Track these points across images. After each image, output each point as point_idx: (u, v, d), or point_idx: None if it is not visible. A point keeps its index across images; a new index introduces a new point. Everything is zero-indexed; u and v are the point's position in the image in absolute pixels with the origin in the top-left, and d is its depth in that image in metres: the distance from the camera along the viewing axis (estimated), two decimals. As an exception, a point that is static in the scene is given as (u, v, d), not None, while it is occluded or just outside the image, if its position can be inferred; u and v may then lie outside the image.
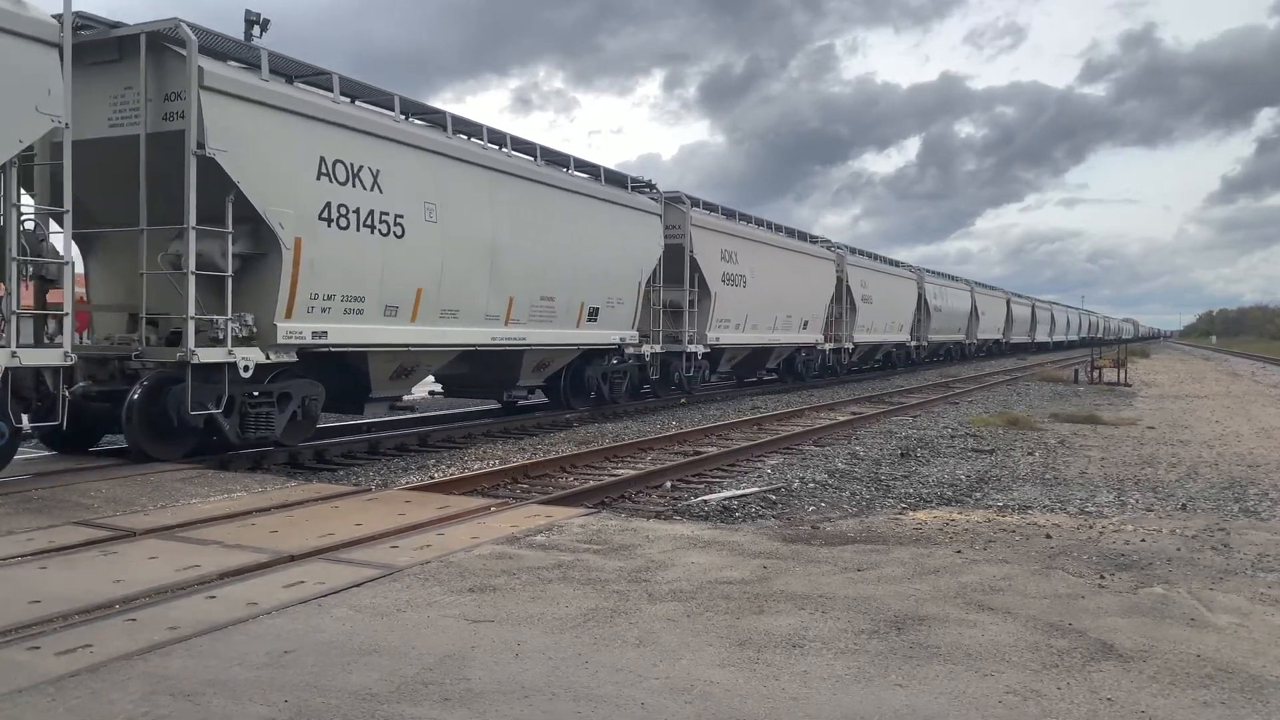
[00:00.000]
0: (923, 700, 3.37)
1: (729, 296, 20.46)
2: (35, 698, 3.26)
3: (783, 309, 23.48)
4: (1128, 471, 10.60)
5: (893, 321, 33.09)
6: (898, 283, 34.18)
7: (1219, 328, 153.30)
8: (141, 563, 5.13)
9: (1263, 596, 4.79)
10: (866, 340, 30.40)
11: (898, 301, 33.74)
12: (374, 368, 11.25)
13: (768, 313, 22.68)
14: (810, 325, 25.79)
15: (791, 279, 24.01)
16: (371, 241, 10.57)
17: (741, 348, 22.21)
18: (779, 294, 22.97)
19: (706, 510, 8.18)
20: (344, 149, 10.29)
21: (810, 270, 25.86)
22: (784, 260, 23.82)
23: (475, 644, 3.90)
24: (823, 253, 27.14)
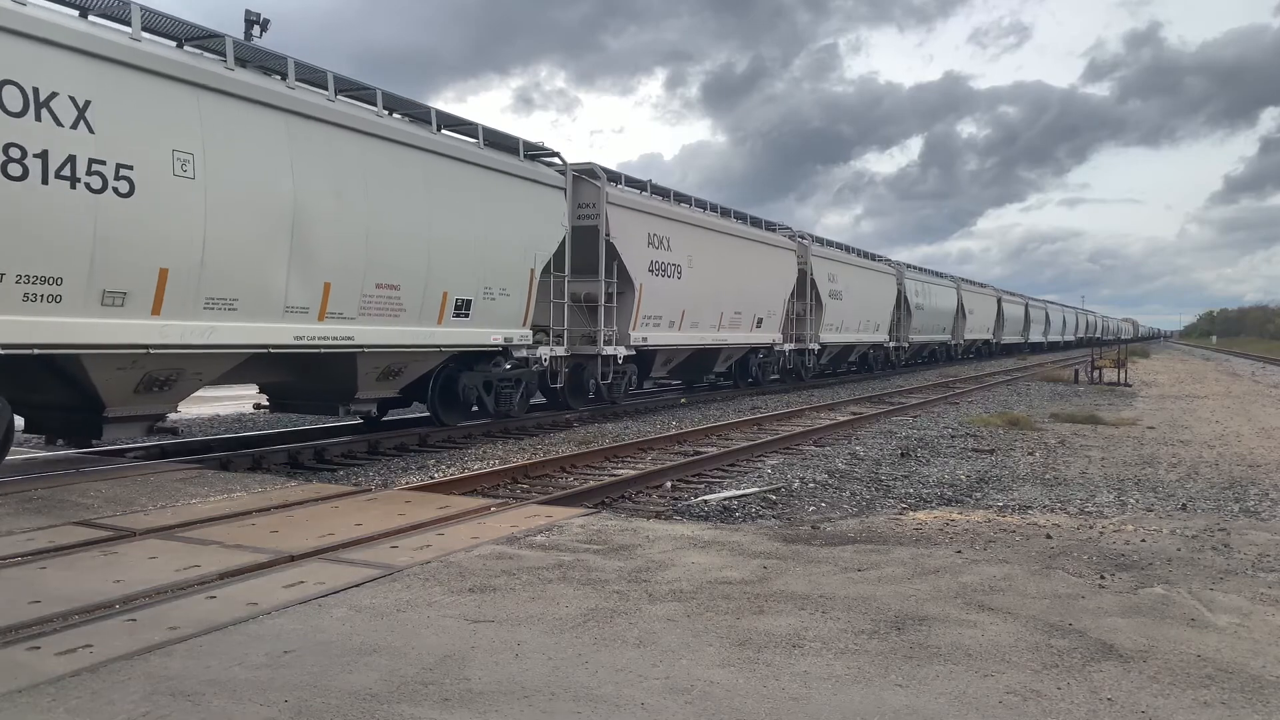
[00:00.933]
0: (923, 700, 3.37)
1: (659, 289, 17.20)
2: (35, 698, 3.26)
3: (730, 304, 20.27)
4: (1128, 471, 10.60)
5: (867, 320, 30.45)
6: (874, 278, 31.41)
7: (1219, 328, 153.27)
8: (141, 563, 5.13)
9: (1263, 596, 4.79)
10: (836, 340, 27.74)
11: (873, 298, 31.08)
12: (99, 379, 8.33)
13: (711, 309, 19.36)
14: (765, 323, 22.34)
15: (741, 270, 20.66)
16: (73, 200, 7.65)
17: (678, 349, 18.94)
18: (725, 287, 19.77)
19: (706, 510, 8.18)
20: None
21: (765, 261, 22.33)
22: (731, 248, 20.41)
23: (475, 644, 3.90)
24: (782, 241, 23.55)
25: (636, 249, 16.62)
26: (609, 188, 15.85)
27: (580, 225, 15.27)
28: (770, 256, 22.70)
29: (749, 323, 21.59)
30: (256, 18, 9.93)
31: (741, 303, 20.90)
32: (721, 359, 21.54)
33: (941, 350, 42.59)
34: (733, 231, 20.93)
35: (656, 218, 17.50)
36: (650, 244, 17.12)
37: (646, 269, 16.90)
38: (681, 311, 18.31)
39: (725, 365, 22.06)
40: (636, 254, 16.57)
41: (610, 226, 15.67)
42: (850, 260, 29.51)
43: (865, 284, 30.03)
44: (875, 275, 31.75)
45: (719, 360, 21.50)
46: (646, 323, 17.14)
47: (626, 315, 16.39)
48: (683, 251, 18.18)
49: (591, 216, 15.67)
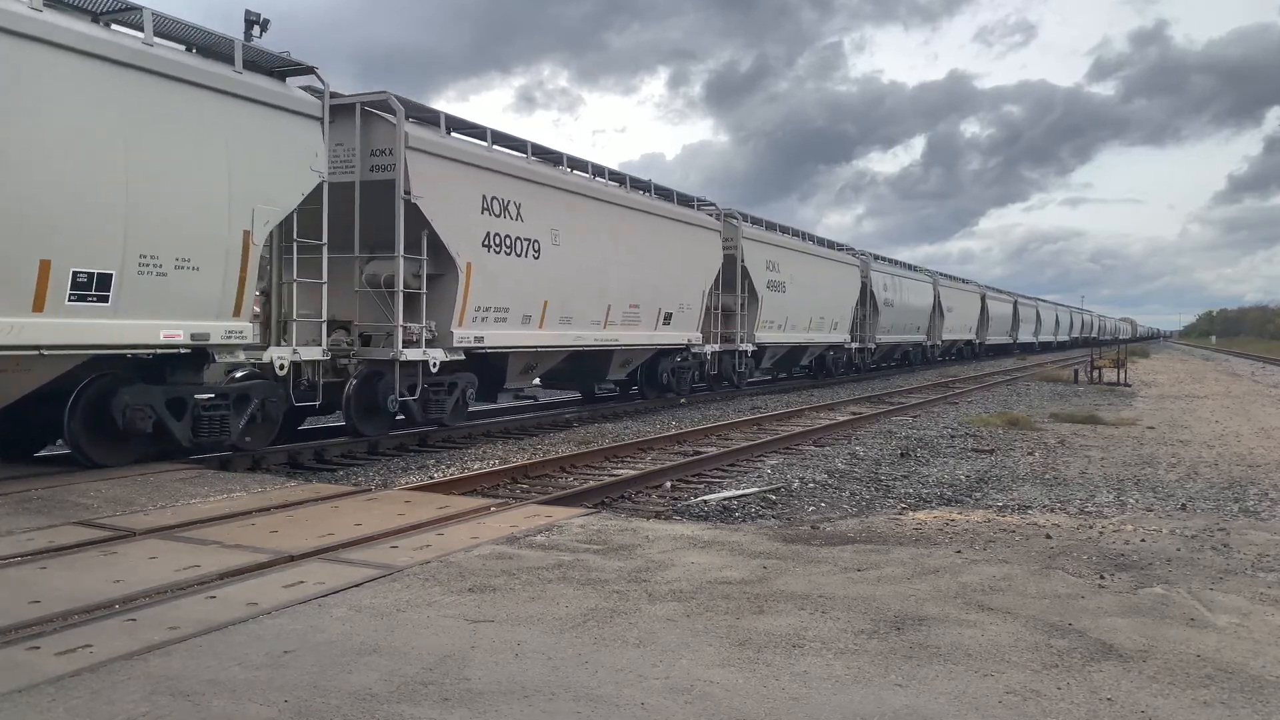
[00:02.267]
0: (923, 700, 3.37)
1: (502, 271, 13.27)
2: (35, 698, 3.26)
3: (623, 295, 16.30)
4: (1128, 471, 10.61)
5: (821, 318, 26.43)
6: (830, 268, 27.21)
7: (1219, 328, 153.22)
8: (141, 563, 5.13)
9: (1263, 596, 4.79)
10: (778, 340, 23.51)
11: (830, 292, 27.01)
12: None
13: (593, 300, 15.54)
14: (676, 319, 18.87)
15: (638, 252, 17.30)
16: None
17: (542, 352, 15.04)
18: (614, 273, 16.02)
19: (706, 510, 8.18)
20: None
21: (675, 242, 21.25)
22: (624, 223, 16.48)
23: (475, 644, 3.90)
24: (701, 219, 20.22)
25: (461, 215, 12.34)
26: (411, 127, 11.46)
27: (374, 180, 11.38)
28: (684, 237, 18.32)
29: (652, 319, 17.23)
30: (256, 18, 9.91)
31: (639, 293, 16.54)
32: (616, 363, 17.04)
33: (916, 352, 38.39)
34: (624, 202, 16.39)
35: (499, 175, 13.06)
36: (487, 209, 12.79)
37: (480, 243, 12.62)
38: (543, 302, 14.04)
39: (624, 371, 17.62)
40: (461, 222, 12.30)
41: (412, 181, 11.33)
42: (797, 246, 24.78)
43: (818, 275, 25.95)
44: (832, 266, 27.51)
45: (613, 365, 16.91)
46: (482, 316, 12.84)
47: (448, 306, 12.22)
48: (543, 223, 13.90)
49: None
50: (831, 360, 28.96)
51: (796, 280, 23.64)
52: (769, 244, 22.70)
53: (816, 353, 27.83)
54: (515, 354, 13.79)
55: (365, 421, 11.48)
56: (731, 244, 20.76)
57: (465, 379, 12.63)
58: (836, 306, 27.86)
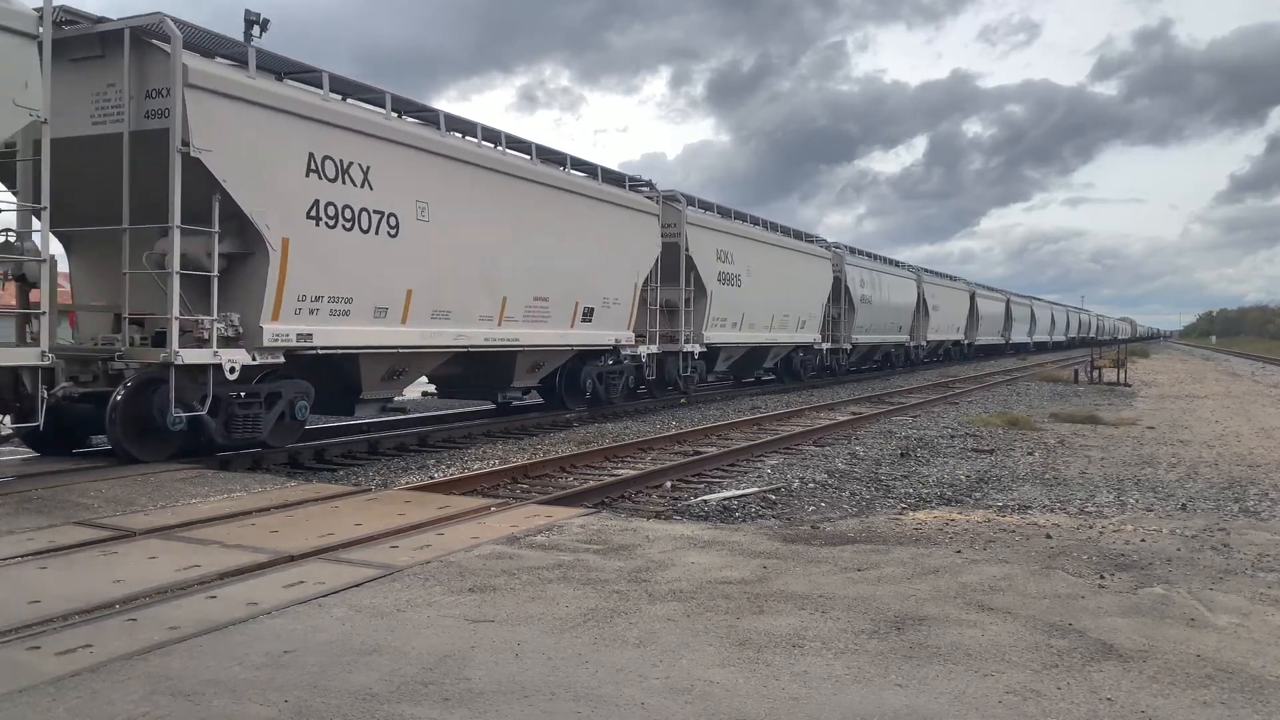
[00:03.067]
0: (923, 700, 3.37)
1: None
2: (35, 698, 3.26)
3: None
4: (1128, 471, 10.61)
5: (786, 315, 24.08)
6: (797, 261, 24.90)
7: (1219, 328, 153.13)
8: (141, 563, 5.13)
9: (1263, 596, 4.79)
10: (729, 340, 20.96)
11: (797, 287, 24.70)
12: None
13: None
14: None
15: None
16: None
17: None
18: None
19: (706, 510, 8.18)
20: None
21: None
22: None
23: (475, 644, 3.90)
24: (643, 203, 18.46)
25: (275, 177, 14.41)
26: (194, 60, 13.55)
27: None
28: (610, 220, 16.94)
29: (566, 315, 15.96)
30: (256, 18, 9.93)
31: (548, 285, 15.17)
32: (522, 368, 16.13)
33: (898, 353, 35.83)
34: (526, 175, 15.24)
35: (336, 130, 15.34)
36: (317, 172, 15.08)
37: (305, 214, 14.81)
38: (406, 292, 13.63)
39: (536, 377, 16.82)
40: (275, 186, 14.37)
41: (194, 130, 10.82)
42: (755, 235, 22.54)
43: (783, 268, 23.67)
44: (799, 258, 25.08)
45: (518, 370, 15.92)
46: (311, 308, 15.07)
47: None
48: (403, 193, 13.77)
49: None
50: (800, 362, 26.22)
51: (755, 273, 21.42)
52: (720, 231, 20.32)
53: (782, 354, 25.23)
54: (369, 356, 11.11)
55: (138, 442, 8.88)
56: (673, 230, 18.51)
57: (293, 388, 10.22)
58: (804, 303, 25.29)
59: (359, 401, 11.48)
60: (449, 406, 16.83)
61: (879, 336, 32.25)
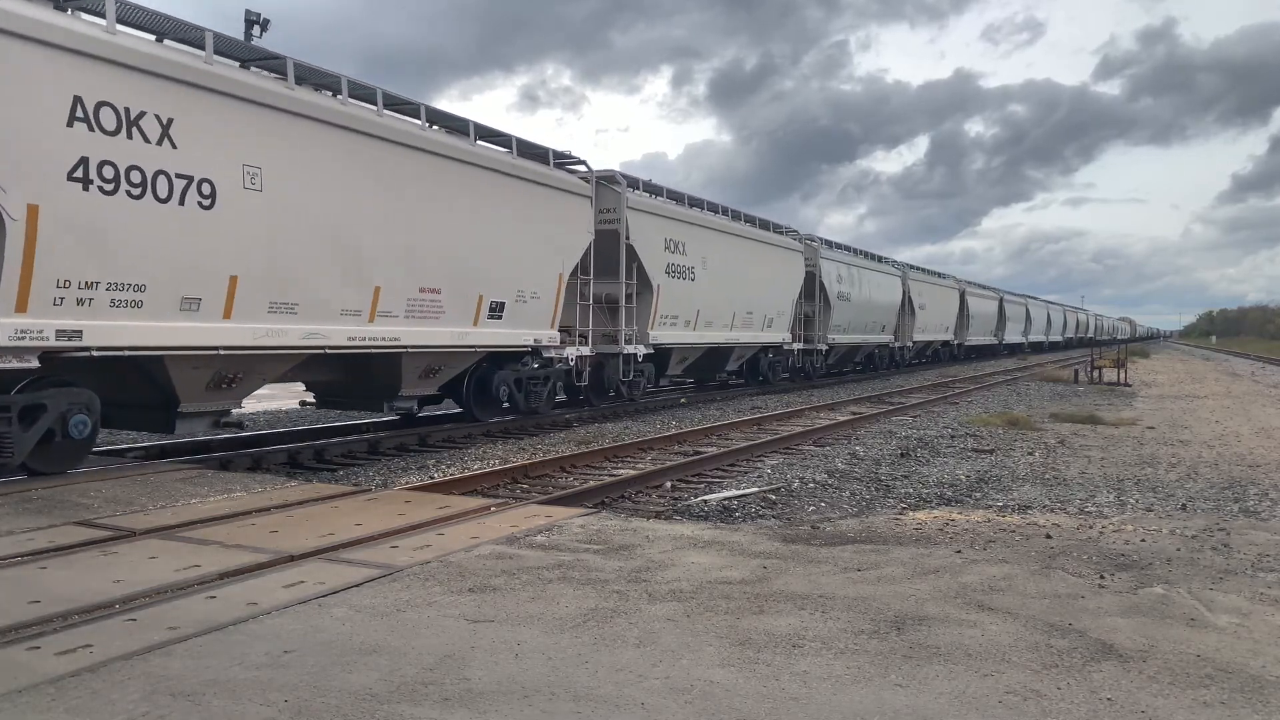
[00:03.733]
0: (923, 700, 3.37)
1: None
2: (35, 698, 3.26)
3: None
4: (1128, 471, 10.61)
5: (750, 313, 21.76)
6: (762, 254, 22.36)
7: (1219, 328, 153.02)
8: (141, 563, 5.13)
9: (1263, 596, 4.79)
10: (683, 341, 18.83)
11: (763, 282, 22.36)
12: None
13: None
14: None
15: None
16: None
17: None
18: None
19: (706, 510, 8.18)
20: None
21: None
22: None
23: (475, 644, 3.90)
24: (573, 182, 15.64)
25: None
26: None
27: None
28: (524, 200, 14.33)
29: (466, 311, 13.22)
30: (256, 18, 9.92)
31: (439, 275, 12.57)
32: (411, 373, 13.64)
33: (882, 354, 33.61)
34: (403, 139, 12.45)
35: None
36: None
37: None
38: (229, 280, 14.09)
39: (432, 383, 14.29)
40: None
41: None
42: (712, 223, 20.10)
43: (747, 260, 21.33)
44: (766, 250, 22.71)
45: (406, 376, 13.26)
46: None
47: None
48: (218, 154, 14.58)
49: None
50: (768, 364, 23.79)
51: (713, 266, 19.24)
52: (669, 218, 17.94)
53: (747, 355, 22.82)
54: (179, 359, 8.81)
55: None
56: (612, 215, 16.23)
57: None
58: (772, 299, 22.92)
59: (179, 416, 9.18)
60: (329, 419, 14.59)
61: (859, 336, 30.06)
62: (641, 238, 16.68)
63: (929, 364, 40.70)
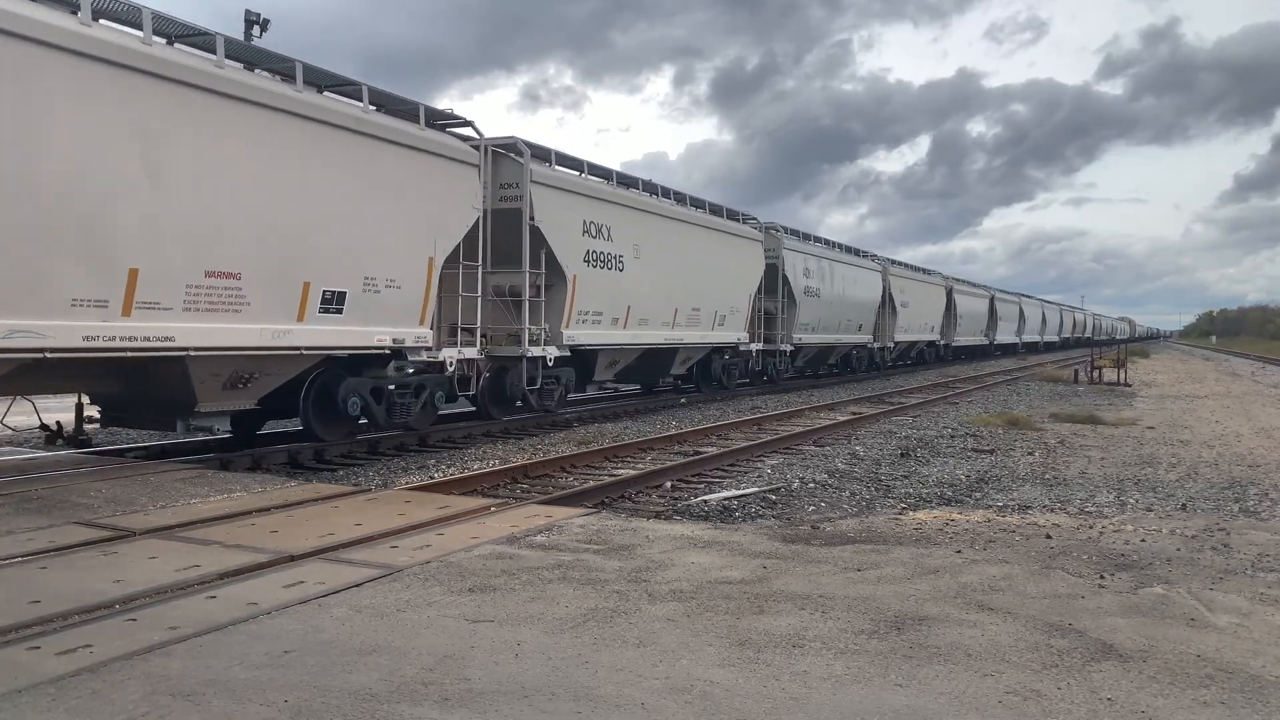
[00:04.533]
0: (923, 700, 3.37)
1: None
2: (35, 698, 3.26)
3: None
4: (1128, 471, 10.60)
5: (695, 309, 18.64)
6: (720, 245, 19.83)
7: (1219, 328, 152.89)
8: (141, 563, 5.13)
9: (1263, 596, 4.80)
10: (618, 343, 16.30)
11: (713, 274, 19.28)
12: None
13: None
14: None
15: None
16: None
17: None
18: None
19: (706, 510, 8.18)
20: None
21: None
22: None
23: (475, 644, 3.90)
24: None
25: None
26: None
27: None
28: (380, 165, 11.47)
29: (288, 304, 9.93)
30: (256, 18, 9.91)
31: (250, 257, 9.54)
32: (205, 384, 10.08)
33: (860, 355, 30.64)
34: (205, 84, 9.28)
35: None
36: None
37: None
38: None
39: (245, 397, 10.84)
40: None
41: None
42: (645, 205, 17.20)
43: (690, 249, 18.39)
44: (715, 238, 19.67)
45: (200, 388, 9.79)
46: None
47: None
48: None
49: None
50: (722, 367, 20.92)
51: (649, 254, 16.58)
52: (589, 196, 15.17)
53: (695, 357, 19.81)
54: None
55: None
56: (513, 191, 13.58)
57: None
58: (724, 294, 19.97)
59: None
60: None
61: (831, 336, 27.05)
62: (551, 219, 13.93)
63: (913, 366, 38.04)
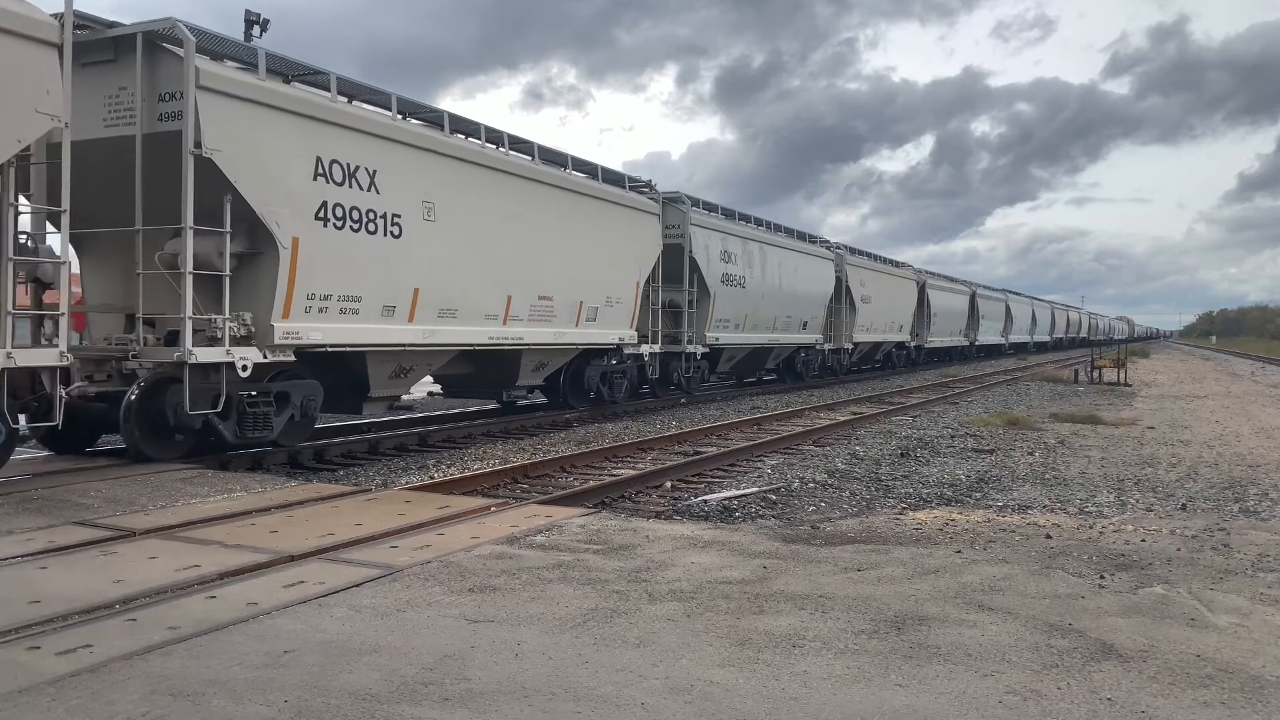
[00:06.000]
0: (923, 700, 3.37)
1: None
2: (35, 698, 3.26)
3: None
4: (1128, 471, 10.60)
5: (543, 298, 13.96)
6: (592, 215, 15.15)
7: (1219, 328, 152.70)
8: (141, 563, 5.13)
9: (1263, 596, 4.79)
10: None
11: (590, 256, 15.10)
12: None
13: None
14: None
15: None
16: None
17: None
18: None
19: (706, 510, 8.18)
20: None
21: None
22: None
23: (475, 644, 3.90)
24: None
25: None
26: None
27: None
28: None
29: None
30: (256, 17, 9.91)
31: None
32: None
33: (808, 359, 26.30)
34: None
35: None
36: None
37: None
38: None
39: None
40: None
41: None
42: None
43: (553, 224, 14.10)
44: (594, 208, 15.26)
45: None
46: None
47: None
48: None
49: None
50: (608, 377, 16.57)
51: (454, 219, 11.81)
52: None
53: (559, 365, 15.41)
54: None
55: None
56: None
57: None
58: (597, 282, 15.34)
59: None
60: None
61: (763, 335, 22.62)
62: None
63: (879, 371, 33.58)
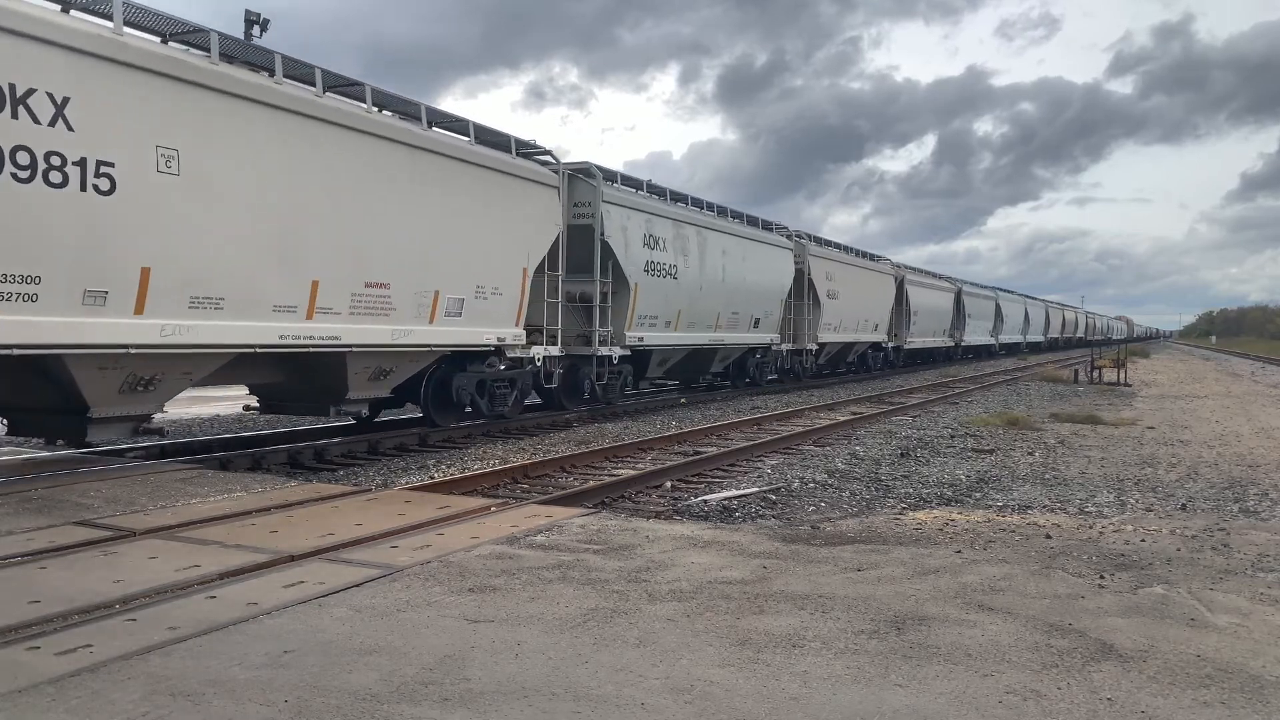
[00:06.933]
0: (923, 700, 3.37)
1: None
2: (35, 698, 3.26)
3: None
4: (1128, 471, 10.60)
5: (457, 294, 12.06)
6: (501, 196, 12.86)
7: (1219, 328, 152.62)
8: (141, 563, 5.13)
9: (1263, 596, 4.80)
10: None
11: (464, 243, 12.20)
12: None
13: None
14: None
15: None
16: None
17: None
18: None
19: (706, 510, 8.18)
20: None
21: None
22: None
23: (475, 644, 3.90)
24: None
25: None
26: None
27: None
28: None
29: None
30: (256, 17, 9.90)
31: None
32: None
33: (761, 362, 22.83)
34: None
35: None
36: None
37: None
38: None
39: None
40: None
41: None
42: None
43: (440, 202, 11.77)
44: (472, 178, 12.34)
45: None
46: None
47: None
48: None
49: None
50: (487, 386, 13.42)
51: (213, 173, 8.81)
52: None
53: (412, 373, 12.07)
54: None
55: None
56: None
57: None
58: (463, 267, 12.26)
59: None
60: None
61: (702, 335, 19.21)
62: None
63: (852, 376, 30.47)
